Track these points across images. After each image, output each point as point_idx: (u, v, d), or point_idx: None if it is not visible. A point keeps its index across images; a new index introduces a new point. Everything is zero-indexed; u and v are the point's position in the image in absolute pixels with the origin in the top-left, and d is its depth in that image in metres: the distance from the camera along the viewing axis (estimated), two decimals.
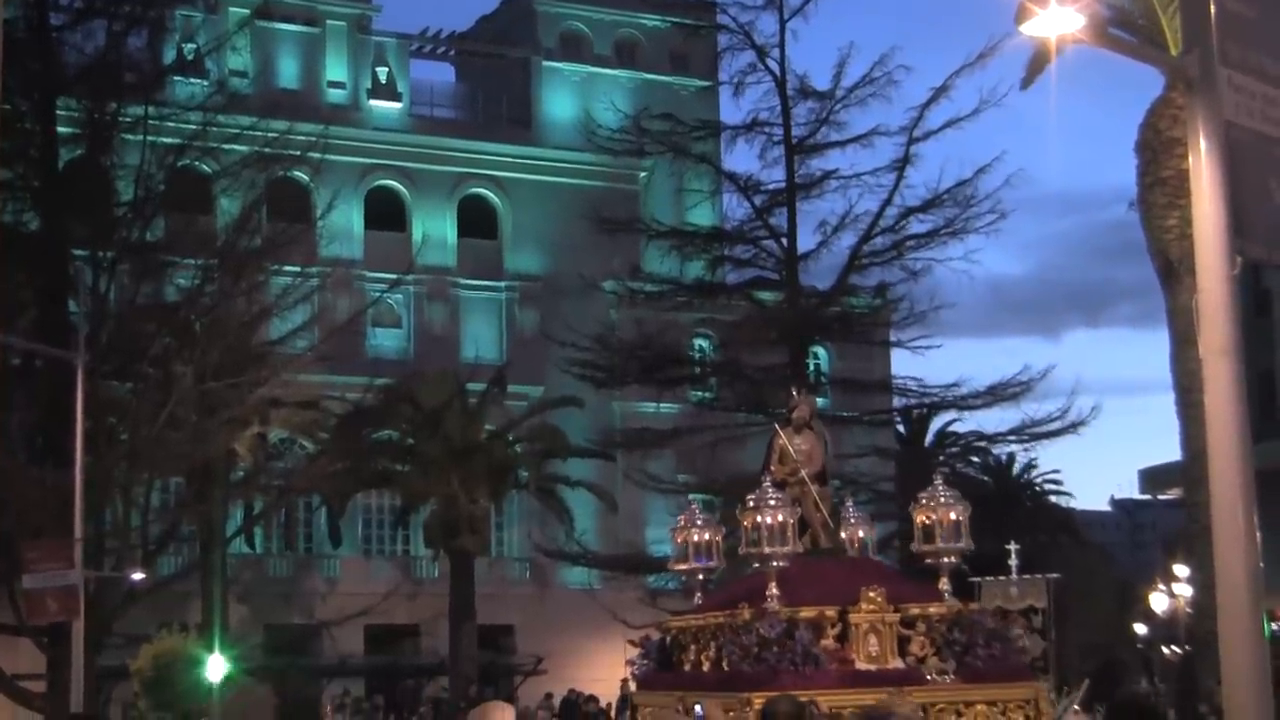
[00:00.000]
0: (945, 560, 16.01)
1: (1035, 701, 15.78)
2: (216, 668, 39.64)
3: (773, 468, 17.10)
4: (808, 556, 16.01)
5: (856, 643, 15.20)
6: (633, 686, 17.69)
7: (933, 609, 15.67)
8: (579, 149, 63.01)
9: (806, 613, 15.23)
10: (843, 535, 17.28)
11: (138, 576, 39.88)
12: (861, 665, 15.14)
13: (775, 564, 15.38)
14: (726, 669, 15.56)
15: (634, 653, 17.60)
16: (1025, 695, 15.69)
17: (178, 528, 47.26)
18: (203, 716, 38.09)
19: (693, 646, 16.62)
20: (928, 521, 16.02)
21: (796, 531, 15.73)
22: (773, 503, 15.53)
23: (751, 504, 15.61)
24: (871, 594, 15.30)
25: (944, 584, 16.01)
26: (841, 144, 45.31)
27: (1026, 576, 29.11)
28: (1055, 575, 31.22)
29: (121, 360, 40.52)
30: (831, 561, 16.80)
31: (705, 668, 16.27)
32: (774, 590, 15.25)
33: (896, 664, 15.27)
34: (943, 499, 16.04)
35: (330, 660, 59.88)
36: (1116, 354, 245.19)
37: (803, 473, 16.79)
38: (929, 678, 15.20)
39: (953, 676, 15.26)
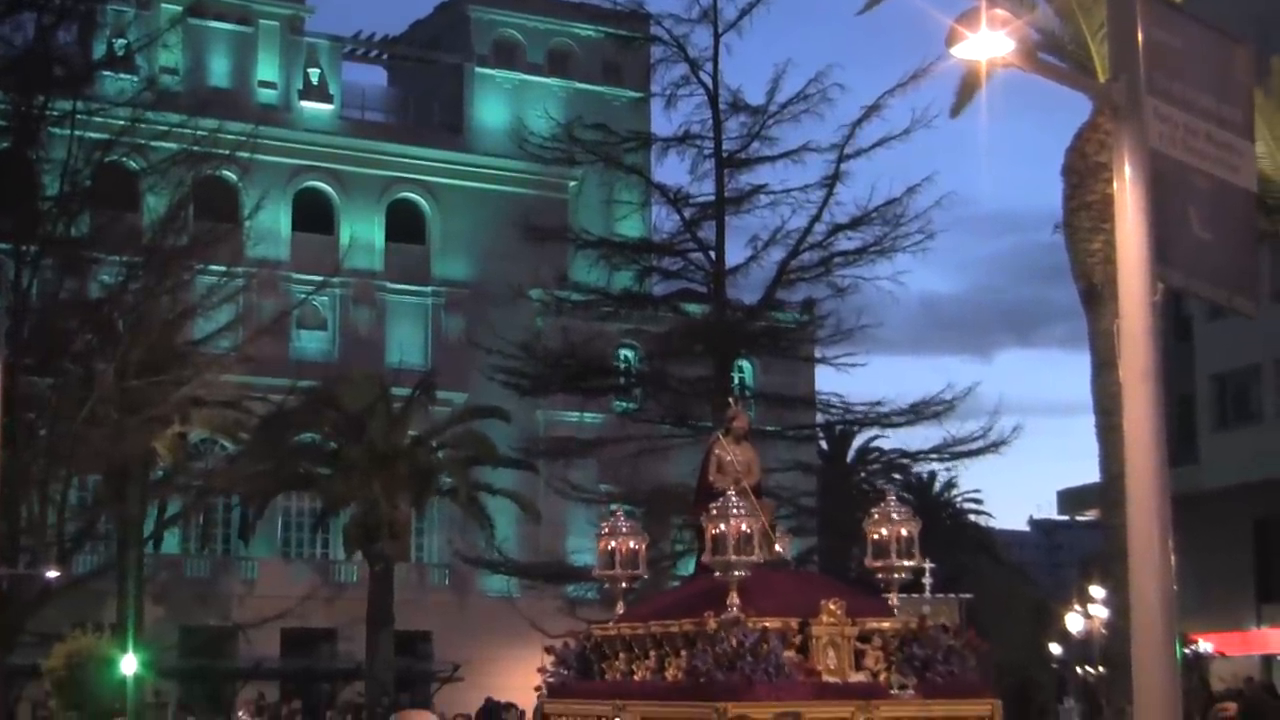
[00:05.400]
0: (896, 576, 16.12)
1: (992, 717, 15.91)
2: (130, 668, 39.30)
3: (711, 477, 17.09)
4: (758, 567, 16.04)
5: (816, 655, 15.23)
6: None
7: (888, 624, 15.74)
8: (510, 156, 62.93)
9: (772, 623, 15.23)
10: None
11: (52, 574, 39.50)
12: (827, 678, 15.18)
13: (738, 573, 15.37)
14: (679, 678, 15.48)
15: (547, 661, 17.50)
16: (983, 712, 15.84)
17: (95, 526, 46.91)
18: (114, 717, 37.76)
19: (623, 655, 16.55)
20: (879, 537, 16.10)
21: (761, 541, 15.76)
22: (737, 511, 15.53)
23: (715, 512, 15.59)
24: (832, 606, 15.33)
25: (894, 599, 16.10)
26: (772, 159, 45.38)
27: (939, 596, 29.33)
28: (967, 595, 31.48)
29: (42, 355, 40.22)
30: (782, 573, 16.84)
31: (640, 676, 16.21)
32: (735, 599, 15.25)
33: (857, 678, 15.32)
34: (895, 515, 16.15)
35: (245, 663, 59.50)
36: (1047, 374, 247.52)
37: (744, 483, 16.82)
38: (892, 692, 15.28)
39: (913, 691, 15.34)
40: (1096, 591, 54.06)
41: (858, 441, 64.77)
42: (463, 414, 55.68)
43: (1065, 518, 73.40)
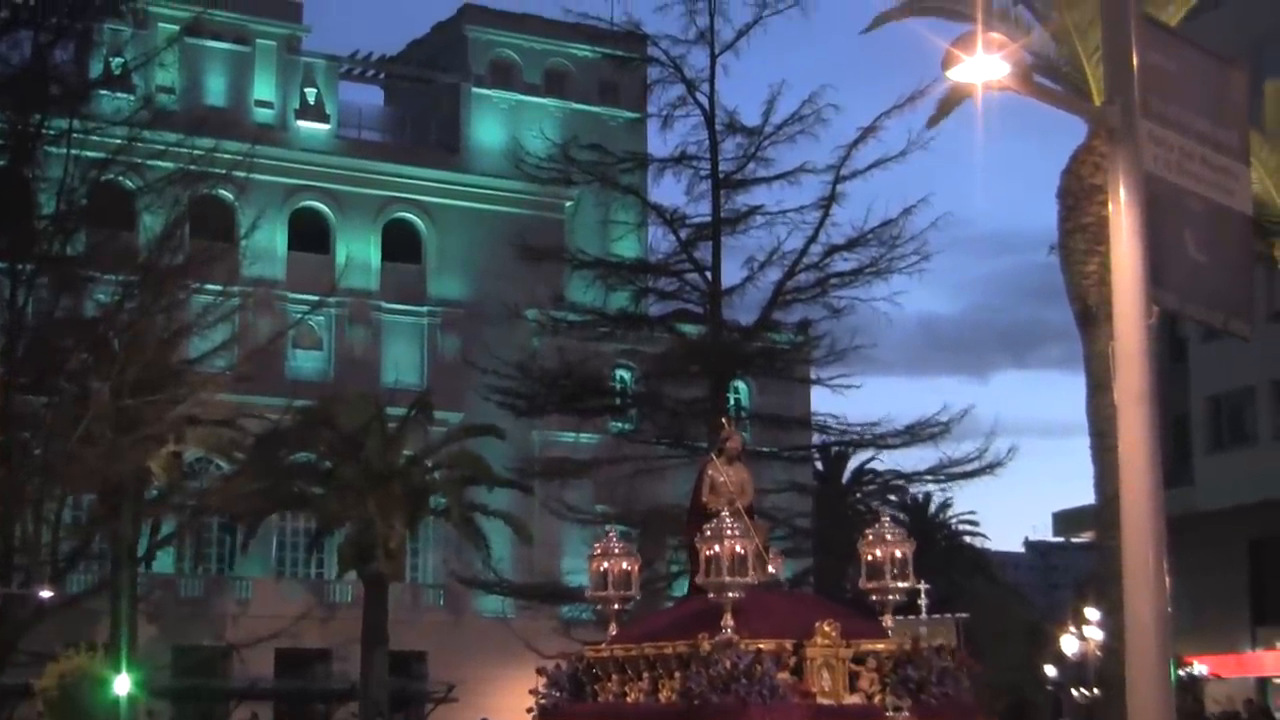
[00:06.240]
0: (891, 597, 16.06)
1: None
2: (123, 688, 39.19)
3: (704, 498, 17.06)
4: (752, 588, 15.98)
5: (811, 677, 15.16)
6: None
7: (882, 645, 15.68)
8: (506, 176, 63.03)
9: (766, 645, 15.18)
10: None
11: (46, 593, 39.40)
12: (822, 700, 15.12)
13: (732, 595, 15.30)
14: (673, 700, 15.42)
15: (539, 682, 17.44)
16: None
17: (89, 545, 46.82)
18: None
19: (616, 676, 16.48)
20: (874, 558, 16.05)
21: (754, 563, 15.67)
22: (731, 532, 15.47)
23: (710, 534, 15.52)
24: (826, 628, 15.28)
25: (888, 621, 16.04)
26: (768, 180, 45.40)
27: (936, 616, 29.23)
28: (964, 615, 31.39)
29: (37, 374, 40.17)
30: (776, 594, 16.80)
31: (633, 698, 16.15)
32: (729, 621, 15.19)
33: (852, 700, 15.26)
34: (889, 536, 16.11)
35: (240, 683, 59.35)
36: (1042, 395, 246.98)
37: (737, 504, 16.78)
38: (888, 714, 15.24)
39: (908, 713, 15.30)
40: (1091, 613, 53.94)
41: (853, 463, 64.60)
42: (458, 434, 55.63)
43: (1060, 539, 73.17)
